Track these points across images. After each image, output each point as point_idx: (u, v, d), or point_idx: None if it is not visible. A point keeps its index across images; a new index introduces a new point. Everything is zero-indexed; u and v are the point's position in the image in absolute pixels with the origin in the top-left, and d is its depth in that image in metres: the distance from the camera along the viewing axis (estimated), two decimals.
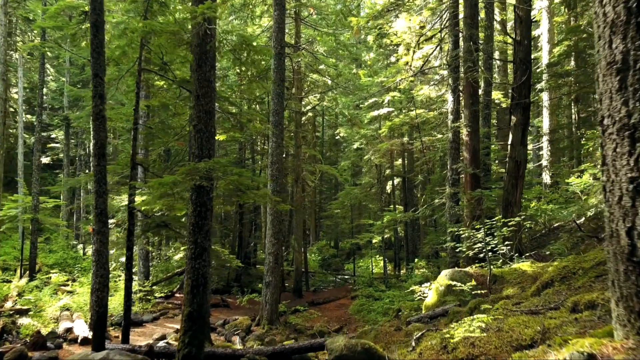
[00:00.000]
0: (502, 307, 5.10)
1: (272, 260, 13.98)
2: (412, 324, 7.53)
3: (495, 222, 8.29)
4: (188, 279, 6.69)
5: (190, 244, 6.76)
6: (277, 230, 14.03)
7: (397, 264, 25.43)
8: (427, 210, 13.76)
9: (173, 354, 7.48)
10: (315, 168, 25.30)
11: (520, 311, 4.24)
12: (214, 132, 7.02)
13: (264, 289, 14.03)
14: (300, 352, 8.11)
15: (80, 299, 13.72)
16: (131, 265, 8.79)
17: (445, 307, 7.62)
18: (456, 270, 8.41)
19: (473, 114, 12.70)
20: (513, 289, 7.30)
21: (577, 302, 3.51)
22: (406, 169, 24.61)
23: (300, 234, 21.46)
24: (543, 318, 3.58)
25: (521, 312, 4.15)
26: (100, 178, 8.05)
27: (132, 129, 9.02)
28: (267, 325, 13.61)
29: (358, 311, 17.47)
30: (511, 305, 4.83)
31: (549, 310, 4.02)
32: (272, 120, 14.31)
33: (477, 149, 12.66)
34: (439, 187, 19.97)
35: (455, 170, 12.85)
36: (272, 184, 14.15)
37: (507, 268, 8.38)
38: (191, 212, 6.80)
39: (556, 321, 3.29)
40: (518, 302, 4.99)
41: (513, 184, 12.01)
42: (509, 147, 12.44)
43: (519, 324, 3.46)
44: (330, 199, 37.56)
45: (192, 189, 6.76)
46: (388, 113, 22.52)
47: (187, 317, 6.54)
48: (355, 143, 26.44)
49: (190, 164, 6.47)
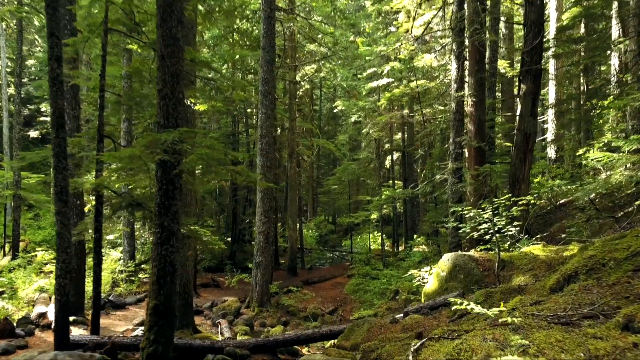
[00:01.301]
0: (517, 304, 4.25)
1: (263, 239, 13.18)
2: (409, 315, 6.73)
3: (503, 200, 7.42)
4: (153, 267, 5.84)
5: (156, 227, 5.89)
6: (268, 208, 13.18)
7: (396, 240, 24.71)
8: (428, 187, 12.87)
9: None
10: (311, 142, 24.32)
11: (544, 317, 3.38)
12: (182, 98, 6.06)
13: (254, 270, 13.27)
14: (285, 344, 7.35)
15: None
16: (100, 249, 7.94)
17: (447, 297, 6.80)
18: (459, 255, 7.57)
19: (479, 82, 11.68)
20: (524, 276, 6.46)
21: (632, 317, 2.64)
22: (406, 143, 23.62)
23: (294, 210, 20.64)
24: (582, 335, 2.72)
25: (547, 320, 3.28)
26: (59, 152, 7.11)
27: (99, 96, 8.03)
28: (257, 308, 12.90)
29: (354, 291, 16.79)
30: (530, 306, 3.97)
31: (583, 319, 3.16)
32: (262, 90, 13.28)
33: (482, 121, 11.68)
34: (439, 162, 19.04)
35: (458, 144, 11.90)
36: (262, 159, 13.23)
37: (517, 252, 7.53)
38: (157, 190, 5.89)
39: (604, 344, 2.44)
40: (537, 300, 4.13)
41: (521, 158, 11.08)
42: (517, 119, 11.46)
43: (550, 344, 2.60)
44: (328, 174, 36.68)
45: (158, 165, 5.84)
46: (387, 84, 21.37)
47: (152, 310, 5.72)
48: (353, 116, 25.36)
49: (151, 135, 5.53)
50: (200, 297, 15.01)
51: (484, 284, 7.02)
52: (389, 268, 18.30)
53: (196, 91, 9.37)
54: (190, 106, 9.96)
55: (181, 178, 6.02)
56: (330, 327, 7.47)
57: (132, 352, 7.03)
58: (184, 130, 5.49)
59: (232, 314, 12.45)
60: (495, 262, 7.19)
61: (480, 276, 7.12)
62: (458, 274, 7.32)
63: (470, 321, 5.35)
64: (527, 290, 5.58)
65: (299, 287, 16.85)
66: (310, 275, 20.18)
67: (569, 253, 6.66)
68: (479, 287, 7.01)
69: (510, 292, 5.69)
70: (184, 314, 10.18)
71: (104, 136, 7.98)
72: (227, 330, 10.82)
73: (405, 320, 6.40)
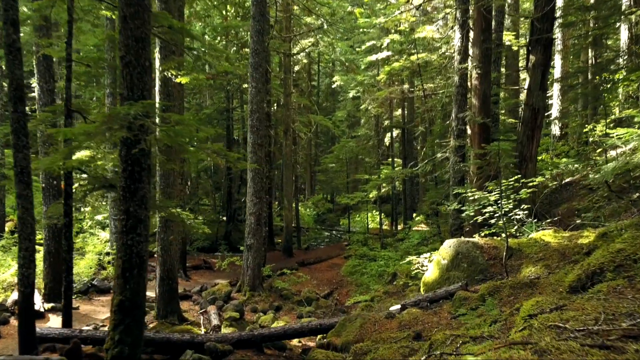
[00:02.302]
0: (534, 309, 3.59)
1: (254, 221, 12.54)
2: (407, 308, 6.11)
3: (512, 181, 6.73)
4: (118, 259, 5.18)
5: (121, 213, 5.20)
6: (259, 188, 12.50)
7: (395, 219, 24.13)
8: (428, 166, 12.16)
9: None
10: (308, 119, 23.48)
11: (573, 333, 2.71)
12: (149, 66, 5.28)
13: (246, 253, 12.67)
14: (271, 339, 6.75)
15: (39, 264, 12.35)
16: (70, 234, 7.27)
17: (449, 289, 6.17)
18: (462, 241, 6.91)
19: (484, 53, 10.84)
20: (535, 267, 5.81)
21: None
22: (406, 120, 22.78)
23: (290, 190, 19.96)
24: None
25: (577, 338, 2.62)
26: (18, 128, 6.37)
27: (66, 67, 7.24)
28: (248, 292, 12.35)
29: (351, 273, 16.25)
30: (551, 312, 3.31)
31: (625, 339, 2.49)
32: (252, 62, 12.43)
33: (487, 95, 10.89)
34: (440, 140, 18.26)
35: (461, 120, 11.14)
36: (252, 136, 12.47)
37: (525, 238, 6.87)
38: (121, 172, 5.19)
39: None
40: (558, 305, 3.46)
41: (529, 135, 10.35)
42: (525, 92, 10.69)
43: None
44: (327, 152, 35.87)
45: (122, 143, 5.12)
46: (387, 57, 20.41)
47: (117, 307, 5.08)
48: (351, 91, 24.43)
49: (110, 109, 4.79)
50: (191, 280, 14.47)
51: (489, 274, 6.39)
52: (387, 249, 17.74)
53: (176, 62, 8.56)
54: (172, 79, 9.19)
55: (149, 158, 5.30)
56: (320, 321, 6.87)
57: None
58: (149, 103, 4.74)
59: (222, 299, 11.90)
60: (502, 249, 6.54)
61: (485, 265, 6.47)
62: (461, 262, 6.68)
63: (476, 320, 4.72)
64: (540, 285, 4.93)
65: (293, 270, 16.31)
66: (306, 256, 19.64)
67: (585, 241, 5.99)
68: (483, 278, 6.38)
69: (520, 286, 5.05)
70: (169, 301, 9.62)
71: (73, 111, 7.22)
72: (215, 317, 10.27)
73: (402, 315, 5.78)
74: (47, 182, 9.94)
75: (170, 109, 9.37)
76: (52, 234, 10.22)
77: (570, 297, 3.78)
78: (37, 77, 10.09)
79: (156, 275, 9.69)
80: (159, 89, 9.35)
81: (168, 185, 9.41)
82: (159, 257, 9.53)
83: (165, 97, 9.36)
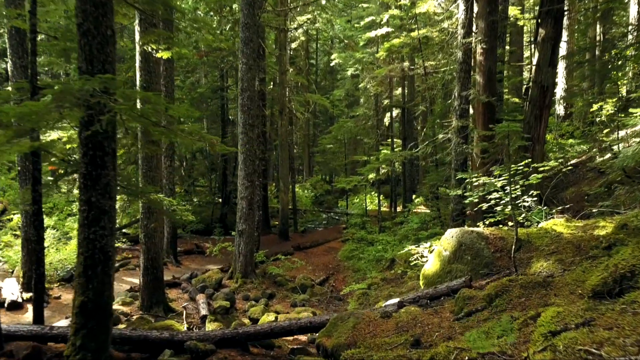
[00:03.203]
0: (556, 323, 3.02)
1: (246, 205, 11.96)
2: (405, 306, 5.56)
3: (521, 166, 6.13)
4: (79, 255, 4.60)
5: (82, 203, 4.60)
6: (251, 171, 11.88)
7: (394, 200, 23.59)
8: (429, 148, 11.52)
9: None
10: (305, 98, 22.71)
11: None
12: (112, 35, 4.61)
13: (237, 238, 12.13)
14: (257, 337, 6.23)
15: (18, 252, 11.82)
16: (40, 222, 6.71)
17: (451, 284, 5.61)
18: (466, 231, 6.33)
19: (490, 27, 10.09)
20: (546, 262, 5.24)
21: None
22: (406, 99, 22.02)
23: (286, 172, 19.35)
24: None
25: None
26: None
27: (30, 39, 6.55)
28: (240, 279, 11.86)
29: (348, 258, 15.76)
30: (577, 329, 2.74)
31: None
32: (242, 37, 11.69)
33: (493, 72, 10.19)
34: (441, 120, 17.55)
35: (464, 99, 10.44)
36: (243, 116, 11.81)
37: (534, 228, 6.29)
38: (81, 157, 4.57)
39: None
40: (585, 319, 2.89)
41: (537, 115, 9.69)
42: (533, 69, 9.98)
43: None
44: (325, 132, 35.14)
45: (81, 124, 4.49)
46: (386, 34, 19.55)
47: (79, 309, 4.52)
48: (350, 69, 23.60)
49: (61, 86, 4.15)
50: (182, 266, 13.98)
51: (495, 268, 5.83)
52: (385, 232, 17.24)
53: (156, 35, 7.85)
54: (152, 54, 8.48)
55: (114, 141, 4.67)
56: (310, 319, 6.34)
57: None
58: (108, 78, 4.09)
59: (213, 287, 11.41)
60: (510, 241, 5.97)
61: (491, 258, 5.91)
62: (464, 254, 6.11)
63: (483, 326, 4.16)
64: (555, 285, 4.37)
65: (288, 254, 15.82)
66: (302, 239, 19.15)
67: (602, 232, 5.42)
68: (489, 272, 5.82)
69: (532, 286, 4.48)
70: (153, 291, 9.10)
71: (40, 88, 6.55)
72: (204, 306, 9.78)
73: (399, 315, 5.24)
74: (22, 165, 9.32)
75: (152, 87, 8.70)
76: (29, 220, 9.65)
77: (596, 307, 3.20)
78: (9, 52, 9.37)
79: (140, 264, 9.14)
80: (139, 64, 8.66)
81: (151, 168, 8.79)
82: (142, 244, 8.98)
83: (146, 74, 8.67)
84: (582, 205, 10.02)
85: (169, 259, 13.92)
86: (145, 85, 8.62)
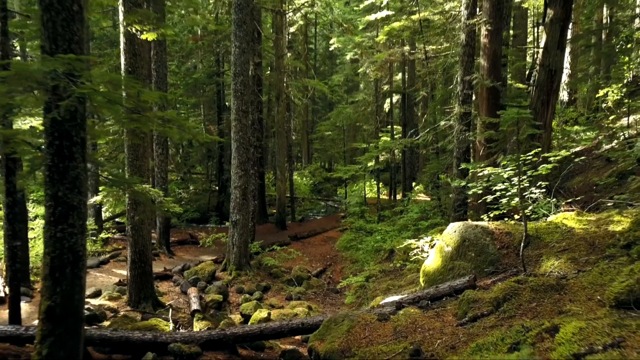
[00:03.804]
0: (578, 342, 2.61)
1: (240, 195, 11.54)
2: (404, 308, 5.17)
3: (530, 155, 5.69)
4: (46, 255, 4.19)
5: (48, 199, 4.17)
6: (245, 160, 11.43)
7: (393, 188, 23.18)
8: (430, 135, 11.05)
9: None
10: (302, 83, 22.14)
11: None
12: (79, 11, 4.13)
13: (231, 229, 11.74)
14: (246, 339, 5.85)
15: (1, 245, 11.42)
16: (14, 217, 6.29)
17: (454, 284, 5.21)
18: (469, 226, 5.91)
19: (495, 7, 9.57)
20: (558, 260, 4.83)
21: None
22: (406, 85, 21.46)
23: (283, 159, 18.88)
24: None
25: None
26: None
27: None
28: (234, 271, 11.49)
29: (346, 248, 15.40)
30: (605, 355, 2.33)
31: None
32: (235, 19, 11.15)
33: (498, 55, 9.69)
34: (442, 106, 17.04)
35: (467, 84, 9.95)
36: (236, 102, 11.33)
37: (544, 222, 5.87)
38: (46, 147, 4.13)
39: None
40: (614, 339, 2.48)
41: (544, 100, 9.21)
42: (540, 52, 9.48)
43: None
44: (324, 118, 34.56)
45: (46, 111, 4.04)
46: (386, 17, 18.93)
47: (45, 314, 4.13)
48: (349, 53, 22.98)
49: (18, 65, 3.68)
50: (175, 257, 13.60)
51: (501, 266, 5.42)
52: (384, 221, 16.85)
53: (140, 15, 7.35)
54: (137, 35, 7.98)
55: (83, 130, 4.22)
56: (302, 320, 5.94)
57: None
58: (71, 58, 3.63)
59: (206, 279, 11.05)
60: (517, 236, 5.56)
61: (497, 255, 5.50)
62: (468, 250, 5.70)
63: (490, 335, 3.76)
64: (570, 289, 3.96)
65: (285, 244, 15.46)
66: (300, 228, 18.77)
67: (617, 227, 5.00)
68: (494, 270, 5.41)
69: (545, 289, 4.08)
70: (141, 286, 8.72)
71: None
72: (195, 300, 9.41)
73: (398, 317, 4.85)
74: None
75: (137, 71, 8.21)
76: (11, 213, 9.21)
77: (623, 321, 2.78)
78: None
79: (127, 257, 8.75)
80: (123, 47, 8.15)
81: (137, 157, 8.35)
82: (129, 237, 8.58)
83: (131, 57, 8.17)
84: (590, 195, 9.58)
85: (162, 249, 13.55)
86: (130, 70, 8.14)
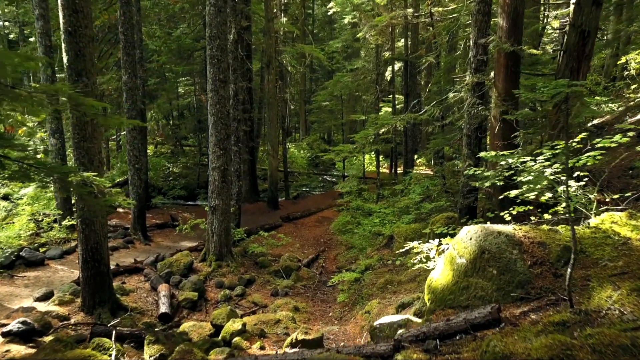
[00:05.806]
0: None
1: (218, 177, 10.18)
2: (404, 349, 3.86)
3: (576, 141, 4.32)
4: None
5: None
6: (223, 137, 10.01)
7: (394, 161, 21.77)
8: (436, 110, 9.57)
9: None
10: (297, 49, 20.42)
11: None
12: None
13: (210, 216, 10.43)
14: None
15: None
16: None
17: (471, 317, 3.88)
18: (490, 232, 4.54)
19: None
20: (616, 290, 3.49)
21: None
22: (409, 51, 19.73)
23: (275, 133, 17.41)
24: None
25: None
26: None
27: None
28: (214, 262, 10.26)
29: (342, 231, 14.15)
30: None
31: None
32: None
33: (520, 12, 8.08)
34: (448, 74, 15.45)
35: (482, 48, 8.40)
36: (213, 70, 9.83)
37: (587, 228, 4.50)
38: None
39: None
40: None
41: (573, 68, 7.69)
42: (571, 9, 7.89)
43: None
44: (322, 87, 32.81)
45: None
46: None
47: None
48: (347, 17, 21.16)
49: None
50: (152, 244, 12.33)
51: (533, 290, 4.08)
52: (384, 199, 15.54)
53: None
54: None
55: None
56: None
57: None
58: None
59: (181, 273, 9.81)
60: (554, 249, 4.20)
61: (528, 275, 4.15)
62: (488, 266, 4.36)
63: None
64: None
65: (275, 227, 14.20)
66: (293, 208, 17.51)
67: None
68: (525, 295, 4.08)
69: (613, 351, 2.74)
70: (96, 289, 7.45)
71: None
72: (165, 301, 8.20)
73: None
74: None
75: (80, 32, 6.70)
76: None
77: None
78: None
79: (78, 256, 7.45)
80: (60, 1, 6.63)
81: (84, 138, 6.93)
82: (79, 233, 7.25)
83: (71, 14, 6.65)
84: (624, 181, 8.20)
85: (137, 235, 12.29)
86: (70, 30, 6.63)
